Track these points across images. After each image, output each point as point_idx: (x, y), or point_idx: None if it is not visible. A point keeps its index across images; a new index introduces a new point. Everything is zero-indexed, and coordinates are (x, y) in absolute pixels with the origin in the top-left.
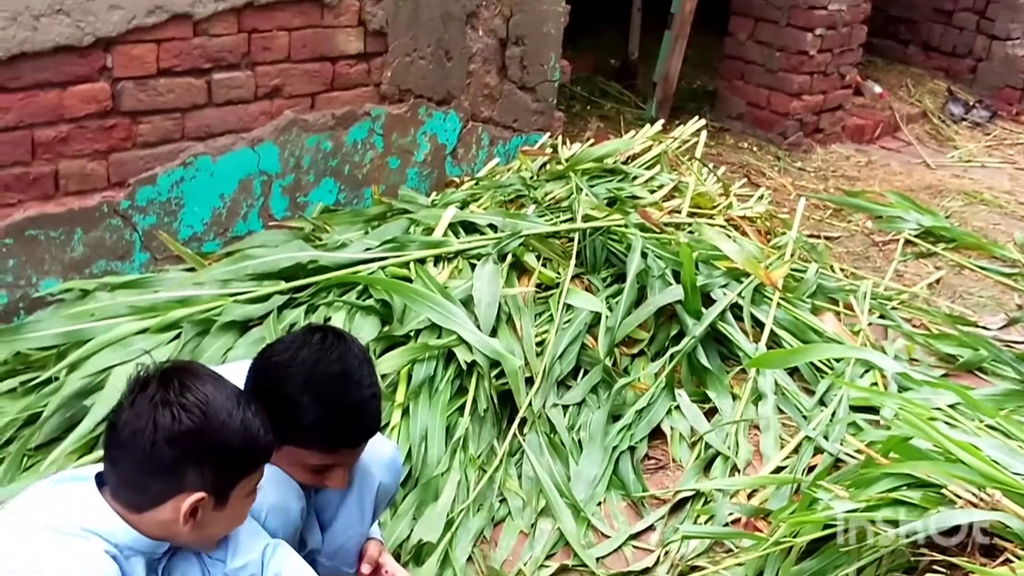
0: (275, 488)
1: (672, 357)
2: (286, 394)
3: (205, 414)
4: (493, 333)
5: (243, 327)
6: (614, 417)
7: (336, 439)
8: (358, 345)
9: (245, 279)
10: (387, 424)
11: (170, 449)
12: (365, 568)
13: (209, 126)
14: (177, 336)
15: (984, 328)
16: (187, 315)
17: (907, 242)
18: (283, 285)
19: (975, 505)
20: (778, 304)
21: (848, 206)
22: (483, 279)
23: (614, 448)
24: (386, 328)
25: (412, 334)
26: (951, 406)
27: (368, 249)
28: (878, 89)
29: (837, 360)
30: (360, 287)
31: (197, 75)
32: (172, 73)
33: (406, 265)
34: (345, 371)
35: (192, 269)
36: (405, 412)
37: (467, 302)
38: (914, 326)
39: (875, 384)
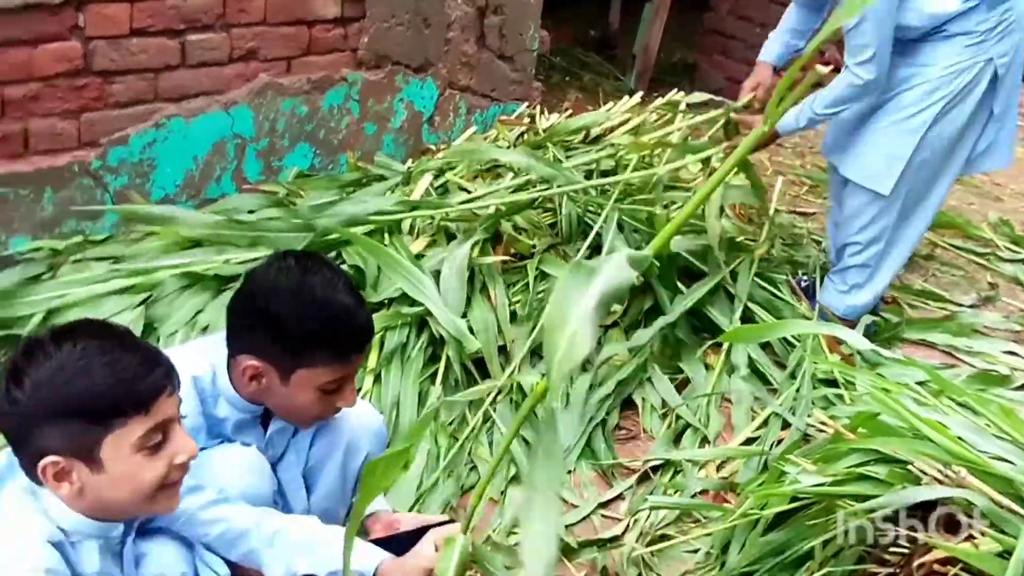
0: (247, 473)
1: (650, 330)
2: (278, 314)
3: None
4: (468, 303)
5: (218, 290)
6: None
7: (342, 343)
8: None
9: None
10: (359, 389)
11: None
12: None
13: (182, 88)
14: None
15: (958, 305)
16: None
17: None
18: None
19: (940, 482)
20: (753, 279)
21: (824, 183)
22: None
23: (590, 419)
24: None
25: (385, 302)
26: (920, 383)
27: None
28: None
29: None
30: (332, 253)
31: (171, 36)
32: (145, 33)
33: (380, 232)
34: (330, 278)
35: None
36: (377, 378)
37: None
38: (886, 302)
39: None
